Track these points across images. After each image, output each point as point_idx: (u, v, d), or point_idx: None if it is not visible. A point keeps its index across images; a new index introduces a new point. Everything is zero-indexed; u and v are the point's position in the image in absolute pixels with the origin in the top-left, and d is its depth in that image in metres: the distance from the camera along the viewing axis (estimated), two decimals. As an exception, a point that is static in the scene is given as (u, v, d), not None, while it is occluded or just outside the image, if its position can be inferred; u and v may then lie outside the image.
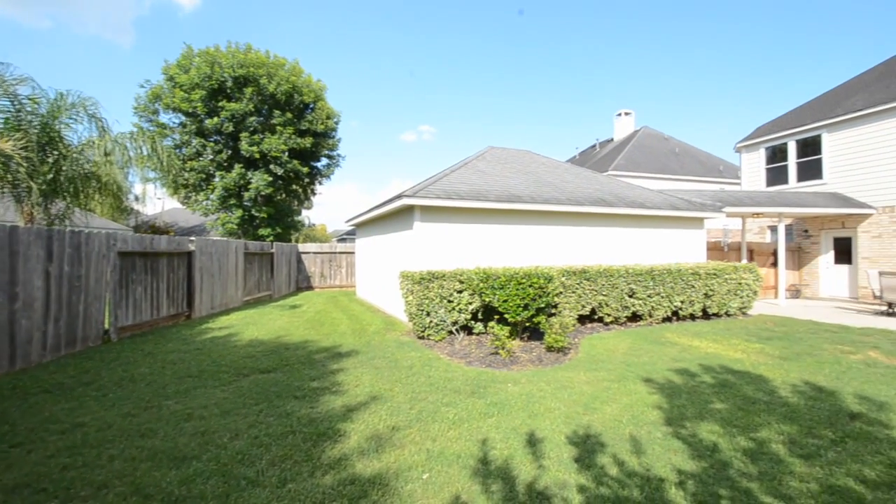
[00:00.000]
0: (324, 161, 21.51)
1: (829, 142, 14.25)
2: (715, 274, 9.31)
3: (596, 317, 8.75)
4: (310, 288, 17.62)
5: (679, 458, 3.46)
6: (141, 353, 6.70)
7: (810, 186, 14.64)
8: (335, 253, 18.28)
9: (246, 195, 18.18)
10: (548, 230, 9.71)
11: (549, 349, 6.68)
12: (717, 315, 9.68)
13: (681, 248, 11.01)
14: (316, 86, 19.45)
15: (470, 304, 7.66)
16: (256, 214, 18.61)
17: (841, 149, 13.93)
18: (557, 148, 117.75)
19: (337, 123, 20.74)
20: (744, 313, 9.99)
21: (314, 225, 46.33)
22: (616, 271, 8.54)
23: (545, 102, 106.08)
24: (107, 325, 7.46)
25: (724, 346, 7.10)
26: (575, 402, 4.65)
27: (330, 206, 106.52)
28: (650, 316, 8.85)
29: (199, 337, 8.05)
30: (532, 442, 3.74)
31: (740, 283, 9.58)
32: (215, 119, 17.42)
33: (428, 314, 7.53)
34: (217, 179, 18.09)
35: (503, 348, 6.39)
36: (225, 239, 13.36)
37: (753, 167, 16.89)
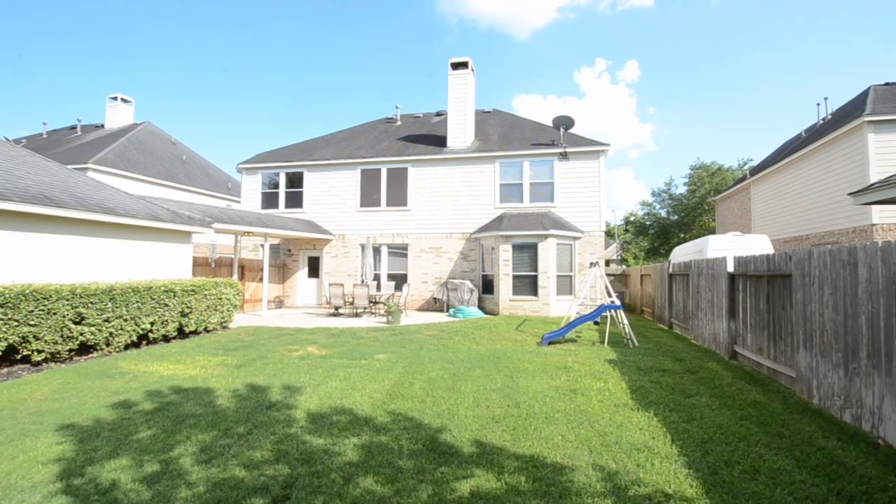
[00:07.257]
0: None
1: (309, 179, 18.33)
2: (194, 290, 9.42)
3: (19, 356, 6.60)
4: None
5: (45, 523, 2.84)
6: None
7: (294, 213, 18.20)
8: None
9: None
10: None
11: None
12: (195, 332, 9.80)
13: (163, 264, 10.47)
14: None
15: None
16: None
17: (316, 186, 18.24)
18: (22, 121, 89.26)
19: None
20: (224, 327, 10.71)
21: None
22: (55, 292, 6.81)
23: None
24: None
25: (186, 365, 7.13)
26: None
27: None
28: (108, 344, 7.66)
29: None
30: None
31: (220, 299, 10.22)
32: None
33: None
34: None
35: None
36: None
37: (252, 189, 19.12)
